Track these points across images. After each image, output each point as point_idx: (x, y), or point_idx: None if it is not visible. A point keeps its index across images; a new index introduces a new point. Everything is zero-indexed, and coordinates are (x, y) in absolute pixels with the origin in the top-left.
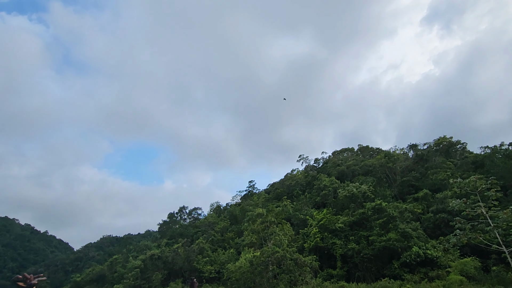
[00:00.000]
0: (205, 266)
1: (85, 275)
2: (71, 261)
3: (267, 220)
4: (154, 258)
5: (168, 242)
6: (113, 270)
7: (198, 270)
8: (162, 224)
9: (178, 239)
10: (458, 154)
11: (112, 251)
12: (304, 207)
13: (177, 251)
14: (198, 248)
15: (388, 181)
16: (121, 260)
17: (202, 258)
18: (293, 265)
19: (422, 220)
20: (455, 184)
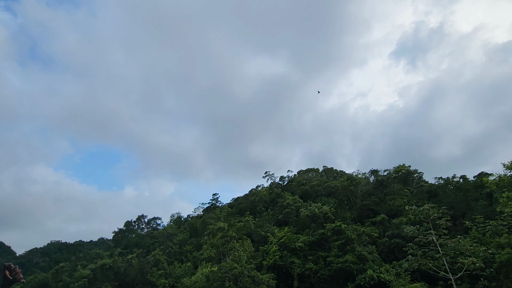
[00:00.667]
0: (159, 279)
1: (26, 284)
2: None
3: (228, 235)
4: (105, 268)
5: (122, 251)
6: (58, 279)
7: (151, 283)
8: (118, 232)
9: (133, 249)
10: (415, 182)
11: (59, 258)
12: (266, 224)
13: (131, 262)
14: (154, 260)
15: (349, 203)
16: (68, 269)
17: (157, 271)
18: (250, 282)
19: (378, 244)
20: (410, 211)
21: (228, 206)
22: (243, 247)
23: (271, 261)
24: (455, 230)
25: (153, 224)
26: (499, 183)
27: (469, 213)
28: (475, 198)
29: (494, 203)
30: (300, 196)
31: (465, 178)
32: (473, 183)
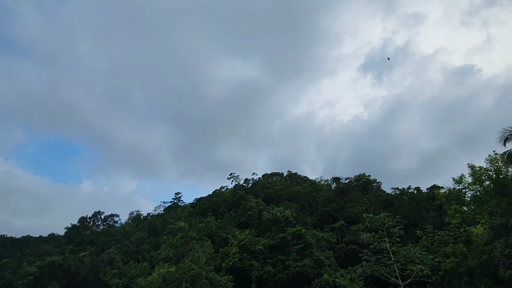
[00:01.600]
0: (112, 279)
1: None
2: None
3: (188, 235)
4: (54, 266)
5: (74, 249)
6: (0, 276)
7: (104, 282)
8: (71, 229)
9: (87, 246)
10: (373, 191)
11: (3, 254)
12: (228, 226)
13: (83, 260)
14: (108, 259)
15: (311, 209)
16: (12, 265)
17: (111, 270)
18: (207, 284)
19: (336, 249)
20: (367, 219)
21: (191, 206)
22: (203, 248)
23: (230, 263)
24: (407, 238)
25: (110, 221)
26: (448, 196)
27: (420, 223)
28: (426, 209)
29: (443, 215)
30: (263, 199)
31: (419, 189)
32: (425, 195)
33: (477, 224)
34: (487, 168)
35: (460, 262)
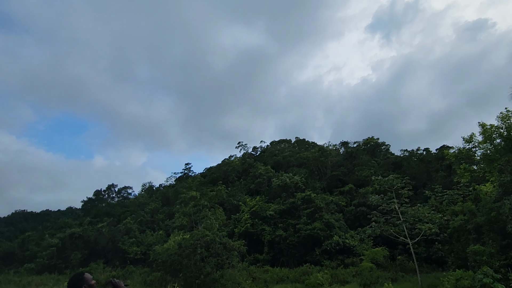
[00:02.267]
0: (130, 247)
1: None
2: None
3: (200, 204)
4: (74, 237)
5: (92, 220)
6: (25, 248)
7: (123, 250)
8: (87, 202)
9: (104, 218)
10: (382, 154)
11: (25, 228)
12: (238, 193)
13: (101, 231)
14: (125, 229)
15: (319, 174)
16: (35, 238)
17: (129, 239)
18: (221, 248)
19: (345, 212)
20: (376, 181)
21: (201, 176)
22: (215, 215)
23: (242, 229)
24: (416, 199)
25: (124, 193)
26: (458, 156)
27: (429, 183)
28: (435, 169)
29: (452, 174)
30: (272, 166)
31: (428, 150)
32: (434, 155)
33: (487, 182)
34: (498, 126)
35: (468, 219)
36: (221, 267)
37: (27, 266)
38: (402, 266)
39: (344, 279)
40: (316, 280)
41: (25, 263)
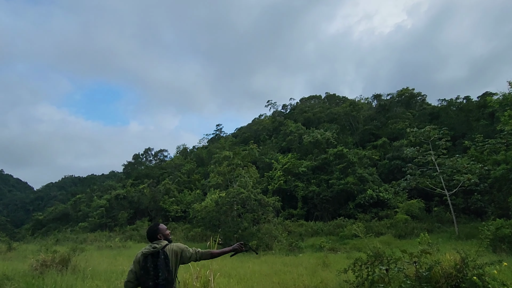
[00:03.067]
0: (171, 206)
1: (48, 213)
2: (31, 200)
3: (233, 163)
4: (120, 198)
5: (134, 182)
6: (77, 209)
7: (164, 209)
8: (127, 165)
9: (144, 180)
10: (418, 105)
11: (75, 191)
12: (270, 152)
13: (143, 191)
14: (164, 189)
15: (351, 129)
16: (85, 200)
17: (168, 198)
18: (256, 205)
19: (378, 166)
20: (411, 133)
21: (232, 136)
22: (249, 173)
23: (276, 186)
24: (454, 150)
25: (160, 156)
26: (502, 102)
27: (469, 133)
28: (476, 118)
29: (495, 123)
30: (302, 123)
31: (469, 99)
32: (476, 104)
33: None
34: None
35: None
36: (257, 222)
37: (81, 224)
38: (439, 218)
39: (378, 231)
40: (350, 232)
41: (79, 222)
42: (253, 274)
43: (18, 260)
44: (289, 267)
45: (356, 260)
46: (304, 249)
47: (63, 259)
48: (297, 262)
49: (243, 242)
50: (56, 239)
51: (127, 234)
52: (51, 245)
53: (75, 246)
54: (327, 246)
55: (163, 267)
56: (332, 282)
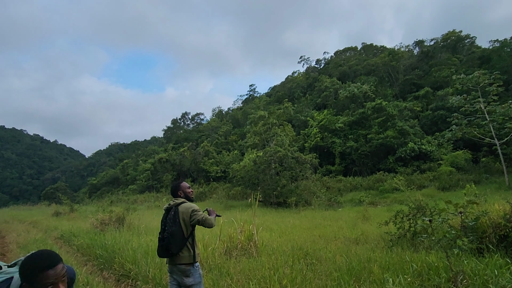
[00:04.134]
0: (211, 167)
1: (100, 178)
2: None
3: (268, 122)
4: (163, 161)
5: (174, 146)
6: (125, 173)
7: (205, 170)
8: (167, 130)
9: (184, 143)
10: (465, 49)
11: (122, 157)
12: (305, 109)
13: (184, 154)
14: (204, 151)
15: (390, 80)
16: (131, 164)
17: (208, 160)
18: (294, 162)
19: (421, 118)
20: (458, 81)
21: (266, 96)
22: (285, 132)
23: (312, 143)
24: (507, 95)
25: (197, 120)
26: None
27: None
28: None
29: None
30: (338, 77)
31: None
32: None
33: None
34: None
35: None
36: (296, 180)
37: (131, 187)
38: (487, 168)
39: (420, 184)
40: (390, 186)
41: (128, 185)
42: (294, 228)
43: (80, 220)
44: (329, 221)
45: (398, 212)
46: (343, 204)
47: (119, 218)
48: (336, 216)
49: None
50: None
51: None
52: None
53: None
54: (367, 200)
55: (170, 222)
56: (373, 234)
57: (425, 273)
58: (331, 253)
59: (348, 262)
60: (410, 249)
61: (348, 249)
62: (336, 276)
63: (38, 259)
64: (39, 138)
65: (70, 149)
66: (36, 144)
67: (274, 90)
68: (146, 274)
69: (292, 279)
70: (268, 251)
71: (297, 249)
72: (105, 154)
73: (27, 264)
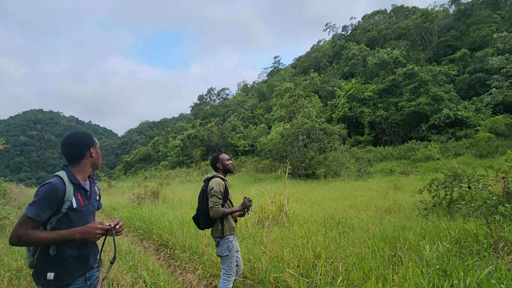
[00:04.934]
0: (239, 141)
1: (133, 155)
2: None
3: (295, 94)
4: (191, 137)
5: (202, 122)
6: (157, 150)
7: (232, 145)
8: (194, 106)
9: (211, 118)
10: (509, 4)
11: (152, 134)
12: (332, 79)
13: (211, 130)
14: (231, 126)
15: (423, 43)
16: (162, 141)
17: (235, 134)
18: (322, 134)
19: (456, 82)
20: (499, 39)
21: (291, 67)
22: (312, 103)
23: (340, 114)
24: None
25: (223, 95)
26: None
27: None
28: None
29: None
30: (366, 44)
31: None
32: None
33: None
34: None
35: None
36: (324, 151)
37: (163, 163)
38: None
39: (456, 152)
40: (423, 155)
41: (160, 161)
42: (324, 198)
43: (118, 195)
44: (359, 191)
45: (433, 180)
46: (373, 174)
47: (153, 192)
48: (367, 187)
49: (247, 203)
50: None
51: (203, 169)
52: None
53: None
54: (398, 170)
55: (201, 197)
56: (406, 203)
57: (463, 240)
58: (363, 221)
59: (381, 230)
60: (447, 217)
61: (381, 217)
62: (370, 243)
63: (82, 131)
64: (74, 119)
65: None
66: (72, 125)
67: (299, 60)
68: (183, 244)
69: (325, 247)
70: (300, 220)
71: (329, 219)
72: (136, 132)
73: (78, 134)
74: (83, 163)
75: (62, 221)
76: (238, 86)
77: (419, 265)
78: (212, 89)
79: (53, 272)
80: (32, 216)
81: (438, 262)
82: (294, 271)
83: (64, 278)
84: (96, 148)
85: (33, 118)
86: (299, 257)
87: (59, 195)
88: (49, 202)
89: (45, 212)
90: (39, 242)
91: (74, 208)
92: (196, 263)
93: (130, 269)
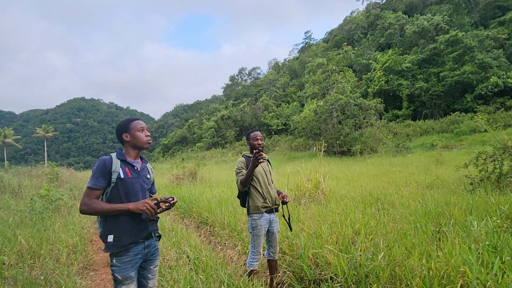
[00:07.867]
0: (272, 120)
1: (170, 138)
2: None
3: (328, 69)
4: (225, 118)
5: (234, 103)
6: (192, 132)
7: (266, 124)
8: (226, 87)
9: (243, 99)
10: None
11: (187, 117)
12: (367, 51)
13: (244, 110)
14: (263, 105)
15: (468, 6)
16: (196, 123)
17: (268, 114)
18: (357, 109)
19: (507, 47)
20: None
21: (323, 42)
22: (346, 78)
23: (376, 87)
24: None
25: (254, 74)
26: None
27: None
28: None
29: None
30: (403, 11)
31: None
32: None
33: None
34: None
35: None
36: (359, 127)
37: (198, 145)
38: None
39: (506, 123)
40: (468, 127)
41: (196, 143)
42: (361, 175)
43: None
44: (398, 167)
45: (480, 153)
46: (413, 149)
47: (191, 173)
48: (406, 162)
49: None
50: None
51: (237, 149)
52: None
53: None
54: (440, 144)
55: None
56: (450, 178)
57: None
58: (403, 198)
59: (424, 206)
60: (496, 192)
61: (423, 193)
62: (412, 219)
63: (127, 118)
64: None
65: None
66: (112, 111)
67: (331, 34)
68: (222, 221)
69: (365, 223)
70: (337, 198)
71: (367, 195)
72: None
73: (120, 122)
74: (125, 145)
75: (114, 190)
76: (269, 64)
77: (466, 241)
78: (243, 69)
79: (112, 235)
80: (91, 186)
81: (488, 238)
82: (333, 247)
83: (122, 240)
84: (132, 132)
85: (77, 106)
86: (338, 234)
87: (107, 166)
88: (101, 172)
89: (100, 181)
90: (100, 210)
91: (121, 178)
92: (235, 239)
93: (174, 245)
